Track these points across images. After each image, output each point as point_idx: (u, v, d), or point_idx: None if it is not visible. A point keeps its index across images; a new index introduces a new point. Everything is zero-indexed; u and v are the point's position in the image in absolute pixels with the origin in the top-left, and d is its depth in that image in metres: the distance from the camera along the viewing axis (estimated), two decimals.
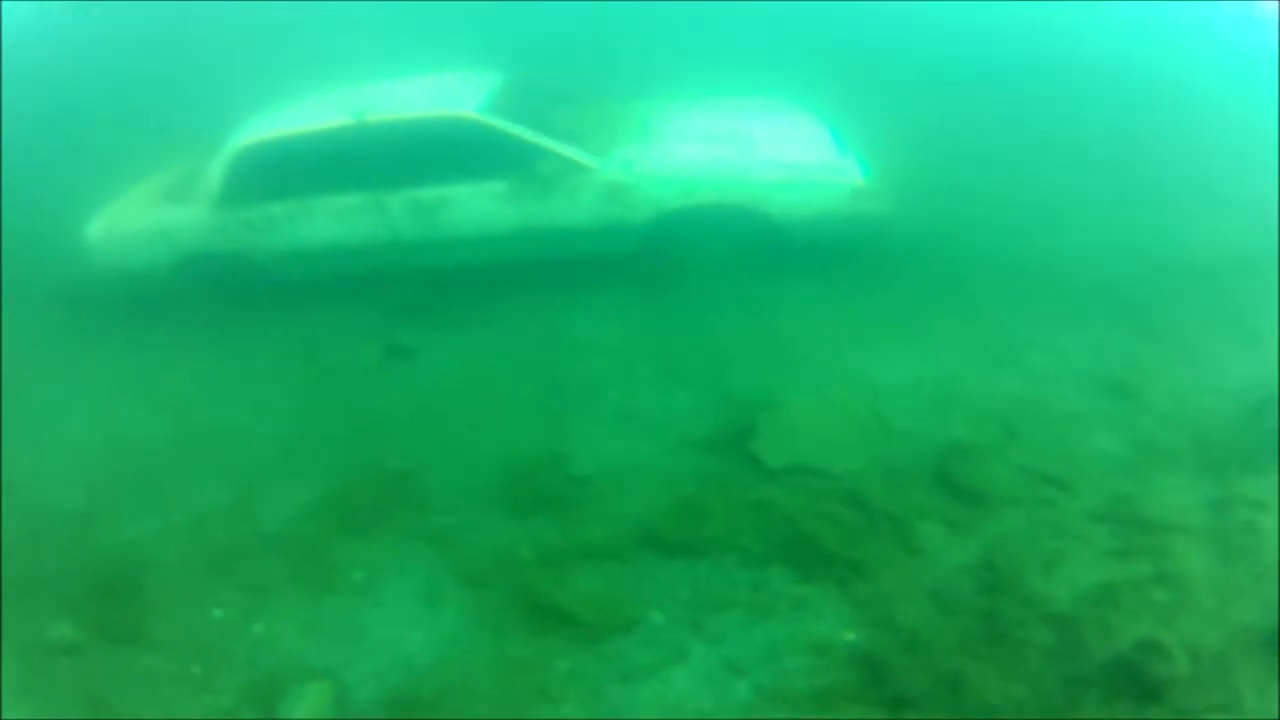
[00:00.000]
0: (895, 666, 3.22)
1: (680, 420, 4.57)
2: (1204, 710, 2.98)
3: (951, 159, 7.39)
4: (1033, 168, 7.40)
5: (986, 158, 7.57)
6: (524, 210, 5.52)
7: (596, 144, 5.66)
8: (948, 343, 5.10)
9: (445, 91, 5.81)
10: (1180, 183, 6.95)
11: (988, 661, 3.21)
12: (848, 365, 4.91)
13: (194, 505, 4.41)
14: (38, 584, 4.02)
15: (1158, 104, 8.73)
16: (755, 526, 3.87)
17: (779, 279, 5.74)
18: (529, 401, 4.85)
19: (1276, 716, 2.92)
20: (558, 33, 10.55)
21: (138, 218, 6.03)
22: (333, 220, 5.66)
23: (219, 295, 6.06)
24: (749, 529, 3.87)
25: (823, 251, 5.78)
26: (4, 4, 10.10)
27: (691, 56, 9.30)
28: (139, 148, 7.59)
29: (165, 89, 9.86)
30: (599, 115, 6.13)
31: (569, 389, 4.92)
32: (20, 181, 8.17)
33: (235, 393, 5.31)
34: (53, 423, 5.17)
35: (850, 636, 3.38)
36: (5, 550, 4.19)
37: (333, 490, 4.37)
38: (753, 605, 3.55)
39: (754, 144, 5.74)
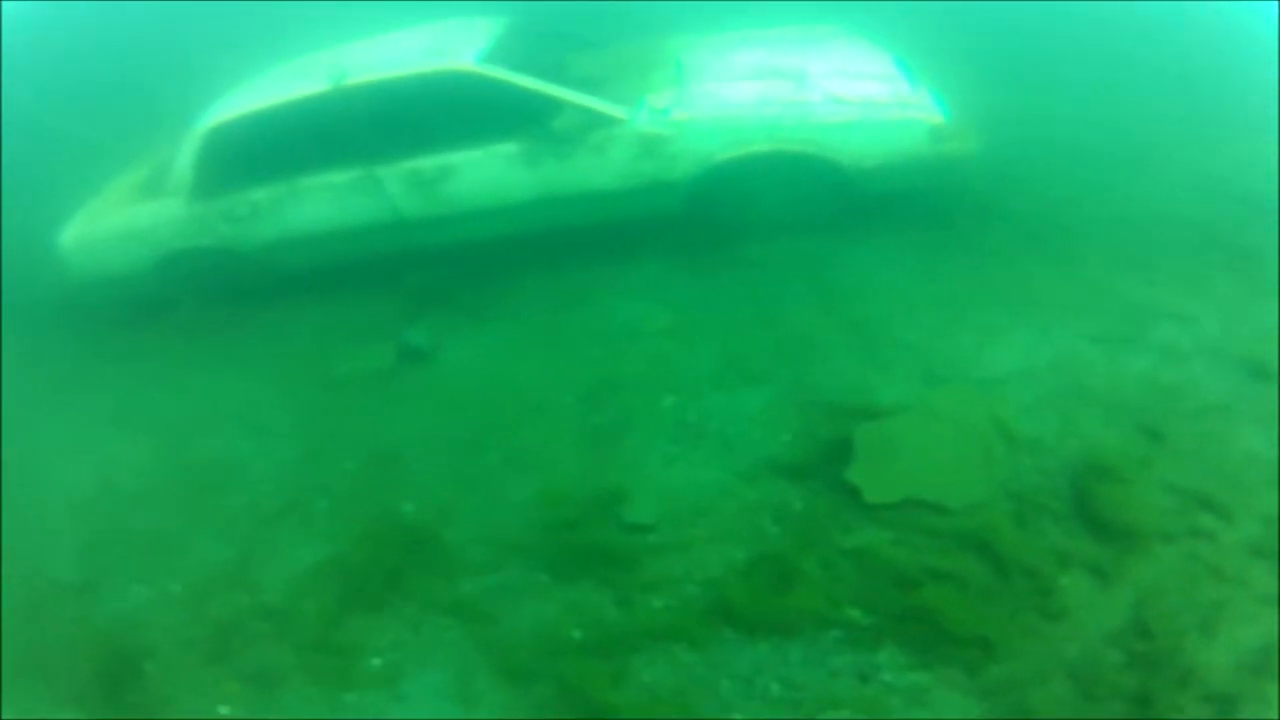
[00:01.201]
0: None
1: (756, 434, 3.72)
2: None
3: (1017, 86, 6.42)
4: (1104, 93, 6.48)
5: (1055, 84, 6.65)
6: (542, 174, 4.61)
7: (623, 90, 4.69)
8: (1059, 312, 4.16)
9: (438, 43, 4.86)
10: (1253, 110, 5.94)
11: None
12: (950, 350, 3.98)
13: (191, 568, 3.75)
14: (35, 669, 3.45)
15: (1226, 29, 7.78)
16: (858, 590, 3.06)
17: (854, 239, 4.81)
18: (567, 414, 4.04)
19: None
20: None
21: (111, 219, 5.27)
22: (322, 202, 4.83)
23: (208, 297, 5.37)
24: (851, 594, 3.06)
25: (901, 203, 4.85)
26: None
27: None
28: (126, 140, 6.77)
29: (153, 70, 8.95)
30: (623, 58, 5.14)
31: (614, 394, 4.09)
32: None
33: (232, 415, 4.60)
34: (39, 464, 4.53)
35: None
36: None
37: (342, 547, 3.65)
38: (862, 702, 2.77)
39: (811, 80, 4.69)
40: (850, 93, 4.54)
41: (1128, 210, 4.95)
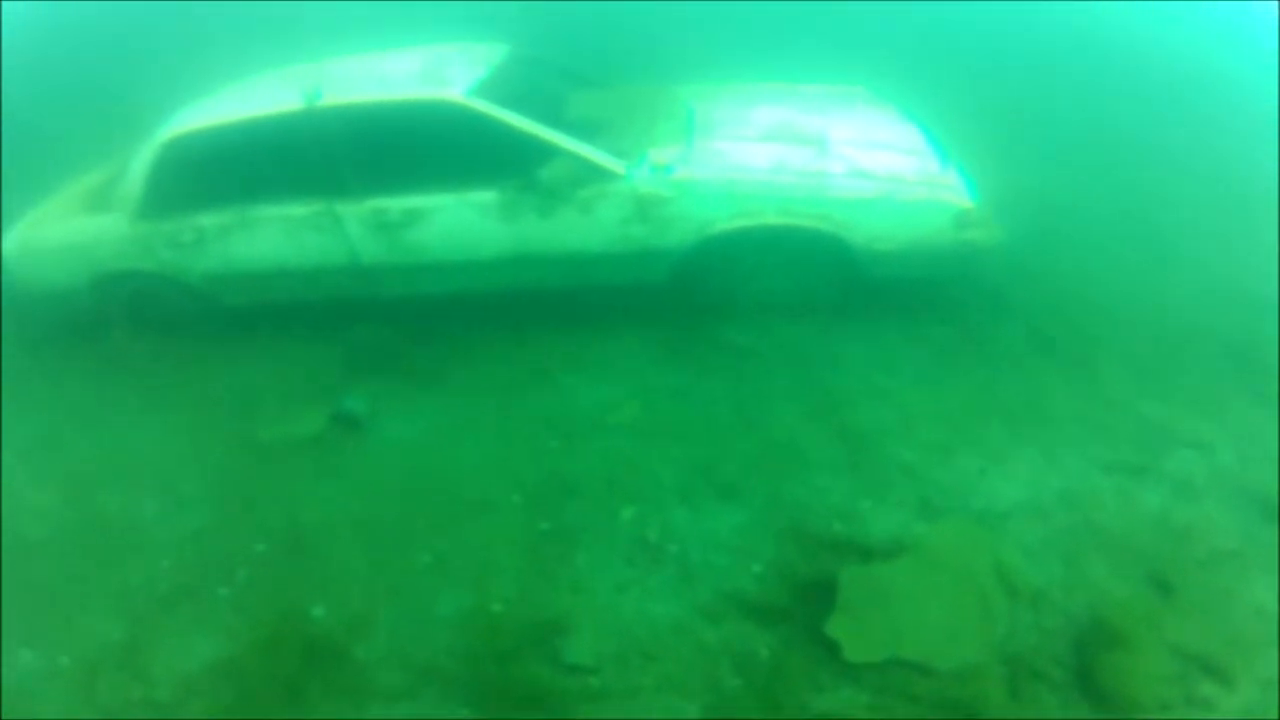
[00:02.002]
0: None
1: (723, 562, 3.24)
2: None
3: (1028, 165, 6.03)
4: (1121, 177, 6.17)
5: (1067, 162, 6.30)
6: (519, 229, 4.13)
7: (624, 140, 4.22)
8: (1070, 433, 3.75)
9: (430, 68, 4.36)
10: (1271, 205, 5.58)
11: None
12: (951, 474, 3.53)
13: (82, 641, 3.27)
14: None
15: (1243, 109, 7.45)
16: None
17: (853, 328, 4.37)
18: (512, 517, 3.53)
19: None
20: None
21: (52, 229, 4.76)
22: (274, 236, 4.33)
23: (142, 324, 4.88)
24: None
25: (908, 289, 4.41)
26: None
27: (735, 38, 7.65)
28: (99, 139, 6.31)
29: (145, 68, 8.49)
30: (630, 102, 4.66)
31: (567, 497, 3.58)
32: None
33: (145, 467, 4.09)
34: None
35: None
36: None
37: (240, 647, 3.15)
38: None
39: (832, 147, 4.24)
40: (874, 166, 4.09)
41: (1143, 312, 4.56)
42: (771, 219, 3.98)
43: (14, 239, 4.82)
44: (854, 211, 3.97)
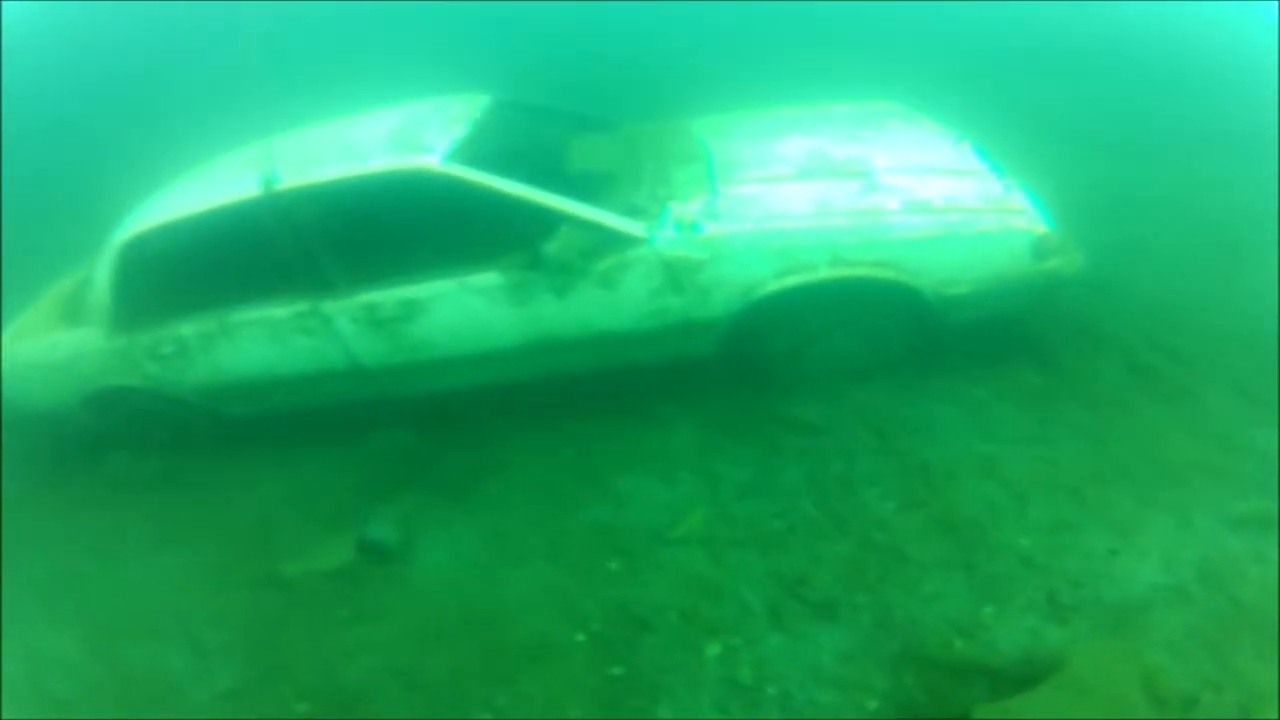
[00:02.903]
0: None
1: (832, 701, 2.71)
2: None
3: (1073, 168, 5.41)
4: (1171, 172, 5.66)
5: (1112, 160, 5.76)
6: (534, 312, 3.57)
7: (638, 195, 3.63)
8: (1193, 483, 3.22)
9: (399, 133, 3.78)
10: None
11: None
12: (1076, 559, 2.98)
13: None
14: None
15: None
16: None
17: (933, 386, 3.80)
18: (577, 662, 2.99)
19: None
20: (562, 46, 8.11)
21: (32, 346, 4.27)
22: (259, 342, 3.81)
23: (147, 440, 4.41)
24: None
25: (989, 334, 3.83)
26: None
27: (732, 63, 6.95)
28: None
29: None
30: (637, 145, 4.06)
31: (638, 632, 3.03)
32: None
33: (166, 611, 3.62)
34: None
35: None
36: None
37: None
38: None
39: (879, 177, 3.64)
40: (932, 195, 3.49)
41: (1234, 319, 4.03)
42: (825, 273, 3.40)
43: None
44: (919, 253, 3.39)
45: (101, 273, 3.93)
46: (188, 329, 3.84)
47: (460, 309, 3.55)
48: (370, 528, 3.58)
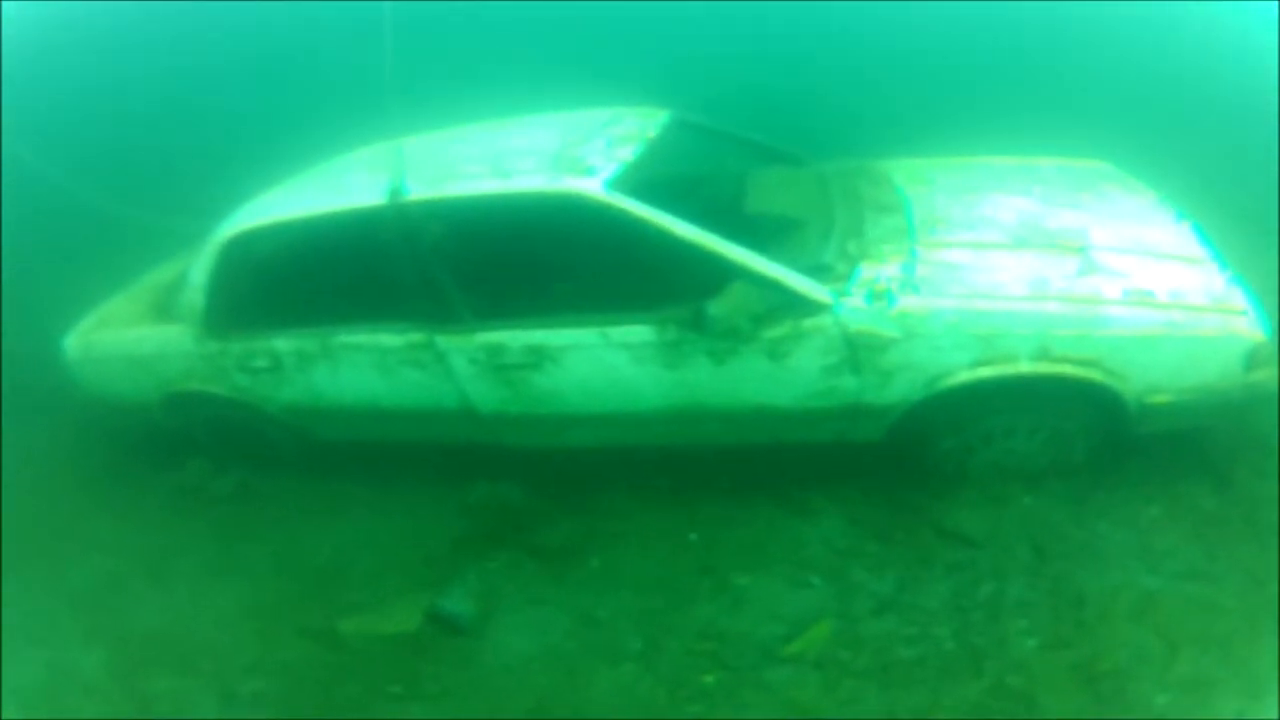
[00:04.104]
0: None
1: None
2: None
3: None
4: None
5: None
6: (687, 378, 2.94)
7: (825, 249, 2.98)
8: None
9: (559, 148, 3.21)
10: None
11: None
12: None
13: None
14: None
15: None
16: None
17: (1111, 505, 3.08)
18: None
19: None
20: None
21: (117, 336, 3.89)
22: (363, 369, 3.30)
23: (228, 452, 3.96)
24: None
25: (1172, 447, 3.13)
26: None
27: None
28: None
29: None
30: (825, 189, 3.39)
31: None
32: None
33: (206, 647, 3.15)
34: None
35: None
36: None
37: None
38: None
39: (1098, 257, 2.93)
40: (1155, 286, 2.79)
41: None
42: (1025, 367, 2.73)
43: (77, 342, 3.99)
44: (1131, 353, 2.71)
45: (198, 270, 3.53)
46: (285, 344, 3.38)
47: (598, 364, 2.95)
48: (446, 598, 3.00)
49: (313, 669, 2.98)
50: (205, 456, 4.00)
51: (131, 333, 3.84)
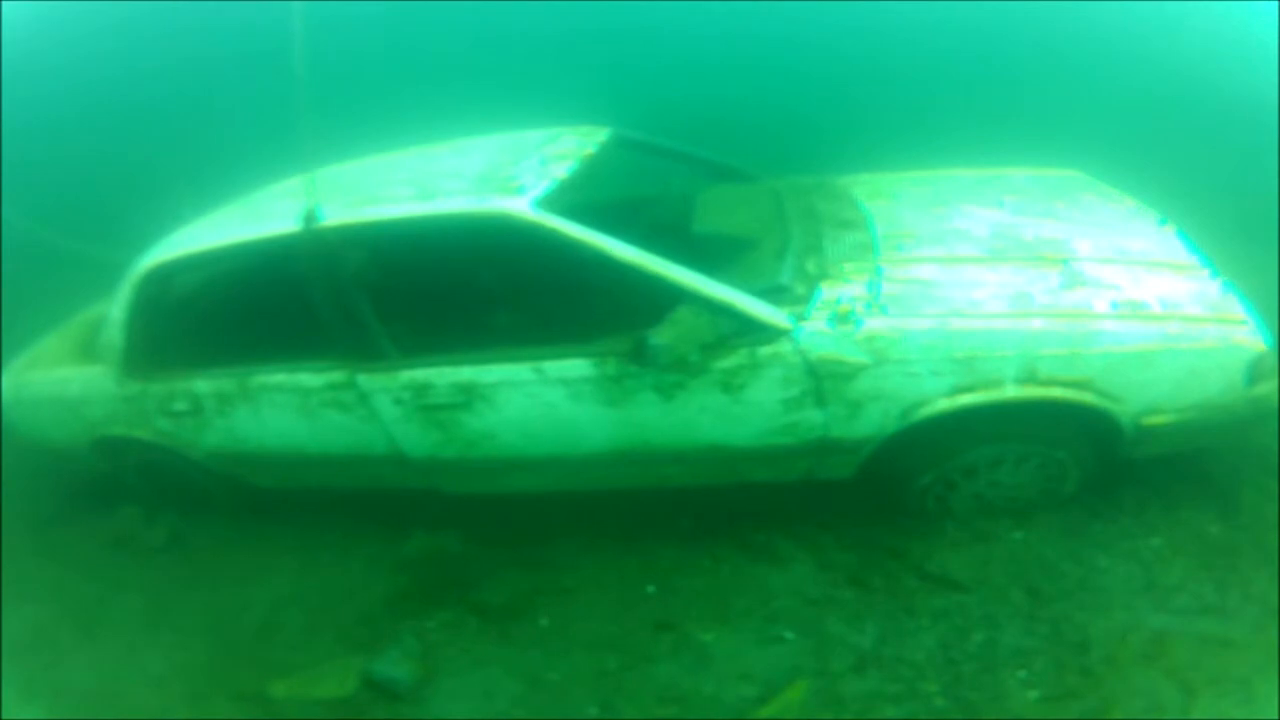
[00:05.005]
0: None
1: None
2: None
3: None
4: None
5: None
6: (631, 416, 2.60)
7: (781, 269, 2.63)
8: None
9: (487, 167, 2.87)
10: None
11: None
12: None
13: None
14: None
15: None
16: None
17: (1107, 536, 2.76)
18: None
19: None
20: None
21: (43, 377, 3.56)
22: (284, 411, 2.96)
23: (161, 499, 3.64)
24: None
25: (1170, 470, 2.85)
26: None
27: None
28: None
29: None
30: (778, 205, 3.05)
31: None
32: None
33: (134, 712, 2.82)
34: None
35: None
36: None
37: None
38: None
39: (1082, 269, 2.61)
40: (1146, 297, 2.48)
41: None
42: (1011, 392, 2.40)
43: (10, 382, 3.68)
44: (1126, 371, 2.39)
45: (117, 306, 3.21)
46: (204, 385, 3.05)
47: (534, 402, 2.61)
48: (381, 661, 2.68)
49: None
50: (138, 503, 3.70)
51: (57, 373, 3.51)
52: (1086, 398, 2.41)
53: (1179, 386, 2.43)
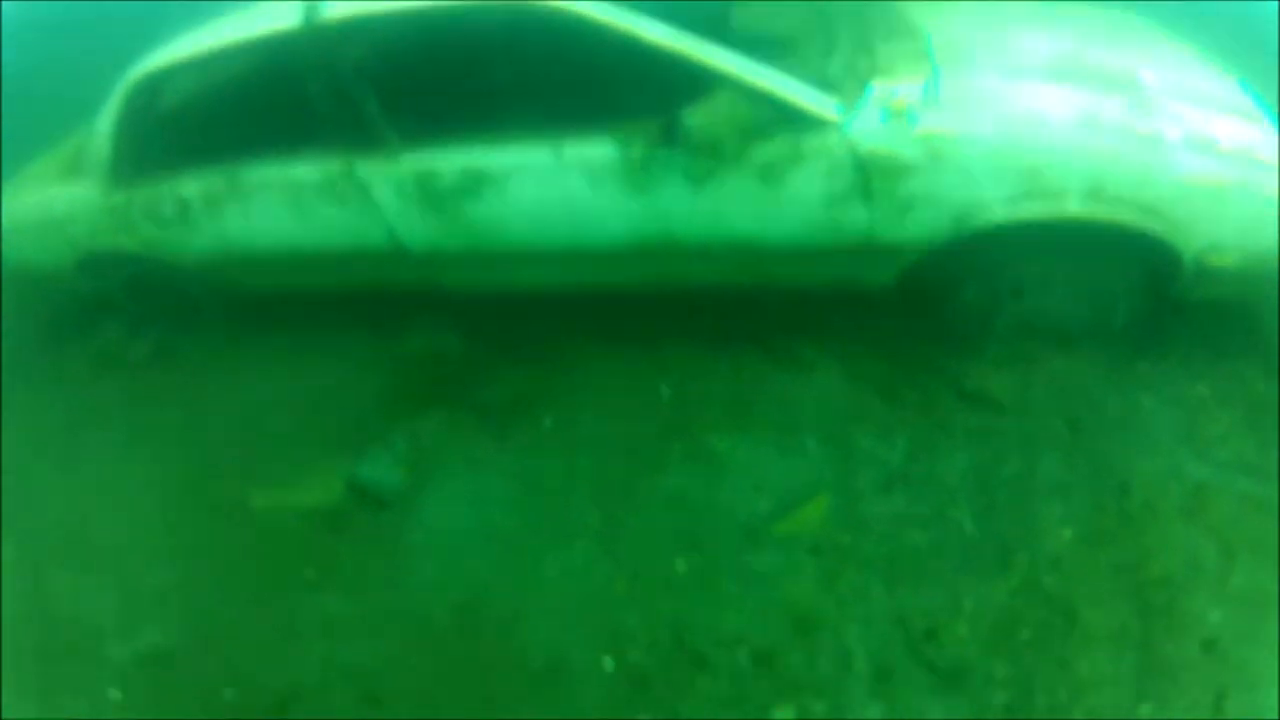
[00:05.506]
0: None
1: None
2: None
3: None
4: None
5: None
6: (658, 204, 2.37)
7: (831, 64, 2.38)
8: None
9: None
10: None
11: None
12: (1267, 650, 1.93)
13: None
14: None
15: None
16: None
17: (1151, 376, 2.55)
18: (592, 695, 1.96)
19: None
20: None
21: (28, 200, 3.35)
22: (275, 208, 2.74)
23: (147, 315, 3.44)
24: None
25: (1221, 322, 2.64)
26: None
27: None
28: None
29: None
30: (827, 15, 2.72)
31: (688, 671, 1.98)
32: None
33: (112, 534, 2.66)
34: None
35: None
36: None
37: None
38: None
39: (1152, 98, 2.35)
40: (1218, 135, 2.23)
41: None
42: (1075, 208, 2.18)
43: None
44: (1197, 204, 2.17)
45: (104, 118, 2.99)
46: (192, 187, 2.83)
47: (550, 188, 2.38)
48: (367, 464, 2.50)
49: (222, 552, 2.52)
50: (123, 320, 3.50)
51: (41, 194, 3.30)
52: (1151, 225, 2.19)
53: (1245, 230, 2.22)
